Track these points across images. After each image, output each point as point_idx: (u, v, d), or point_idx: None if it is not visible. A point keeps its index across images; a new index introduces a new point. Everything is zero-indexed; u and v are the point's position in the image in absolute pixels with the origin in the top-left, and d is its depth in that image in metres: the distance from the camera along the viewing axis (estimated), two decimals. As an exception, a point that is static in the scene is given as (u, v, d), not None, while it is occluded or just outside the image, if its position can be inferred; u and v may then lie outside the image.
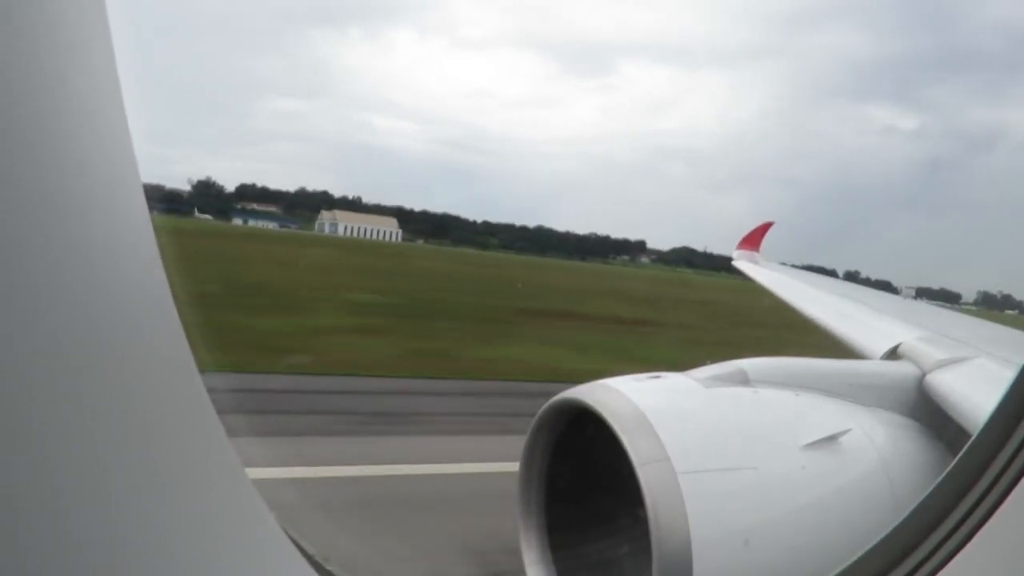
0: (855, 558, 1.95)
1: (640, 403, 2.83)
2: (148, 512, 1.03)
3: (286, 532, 1.39)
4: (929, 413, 3.57)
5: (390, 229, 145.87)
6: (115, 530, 0.97)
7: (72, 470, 0.91)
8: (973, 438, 1.88)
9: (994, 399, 1.92)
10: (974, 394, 3.36)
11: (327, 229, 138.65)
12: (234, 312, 22.62)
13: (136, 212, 1.10)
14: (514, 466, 3.25)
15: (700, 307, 52.85)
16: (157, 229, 1.13)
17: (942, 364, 3.81)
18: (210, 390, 1.17)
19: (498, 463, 10.53)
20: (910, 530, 1.86)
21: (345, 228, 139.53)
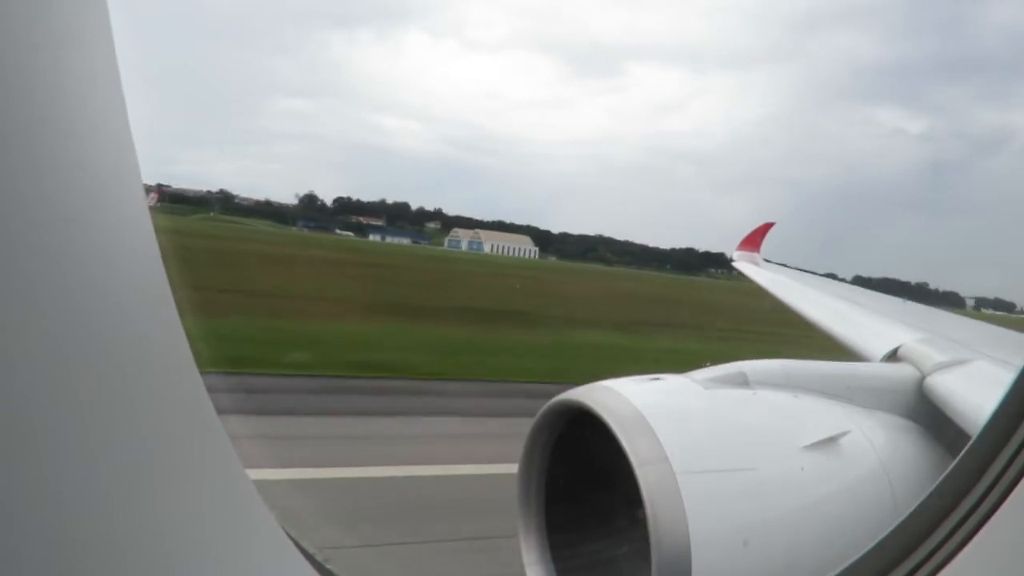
0: (854, 559, 1.96)
1: (639, 404, 2.83)
2: (149, 512, 1.03)
3: (287, 532, 1.39)
4: (929, 415, 3.57)
5: (526, 247, 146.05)
6: (117, 530, 0.97)
7: (73, 470, 0.91)
8: (972, 440, 1.89)
9: (993, 401, 1.92)
10: (973, 396, 3.36)
11: (464, 246, 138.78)
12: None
13: (137, 212, 1.10)
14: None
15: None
16: (158, 229, 1.13)
17: (942, 366, 3.81)
18: (210, 390, 1.18)
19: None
20: (909, 531, 1.86)
21: (492, 247, 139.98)
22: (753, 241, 12.37)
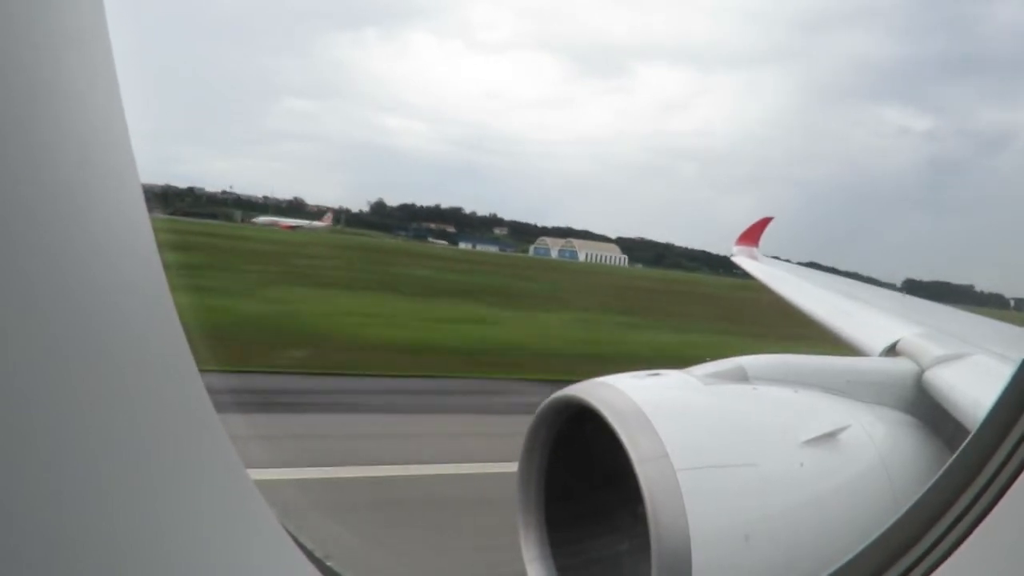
0: (855, 553, 1.96)
1: (639, 400, 2.83)
2: (149, 512, 1.03)
3: (288, 531, 1.39)
4: (928, 409, 3.58)
5: (615, 255, 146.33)
6: (117, 531, 0.97)
7: (72, 470, 0.91)
8: (971, 434, 1.89)
9: (992, 395, 1.92)
10: (973, 390, 3.36)
11: (554, 254, 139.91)
12: None
13: (135, 211, 1.10)
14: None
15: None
16: (156, 228, 1.13)
17: (941, 360, 3.81)
18: (209, 389, 1.18)
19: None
20: (909, 526, 1.87)
21: (586, 255, 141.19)
22: (752, 236, 12.39)
